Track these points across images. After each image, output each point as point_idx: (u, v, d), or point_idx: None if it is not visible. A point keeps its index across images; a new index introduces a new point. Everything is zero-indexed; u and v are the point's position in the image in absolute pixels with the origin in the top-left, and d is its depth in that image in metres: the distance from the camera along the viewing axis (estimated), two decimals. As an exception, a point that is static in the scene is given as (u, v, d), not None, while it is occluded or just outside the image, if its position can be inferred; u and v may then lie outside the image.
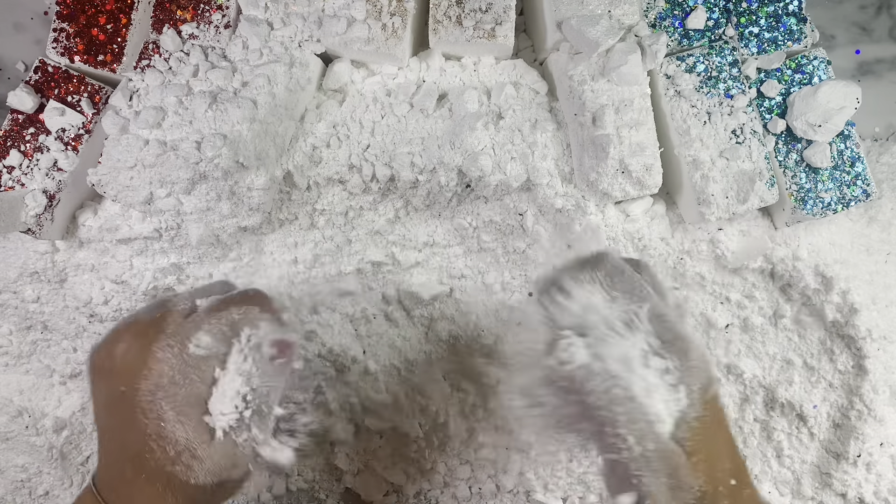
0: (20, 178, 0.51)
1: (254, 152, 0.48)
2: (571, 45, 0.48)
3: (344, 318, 0.57)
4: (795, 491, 0.57)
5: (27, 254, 0.54)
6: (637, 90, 0.46)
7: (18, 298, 0.56)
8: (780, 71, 0.50)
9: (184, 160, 0.46)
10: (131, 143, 0.47)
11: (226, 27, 0.51)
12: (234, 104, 0.47)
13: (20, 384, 0.61)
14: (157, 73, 0.50)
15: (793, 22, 0.49)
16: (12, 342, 0.59)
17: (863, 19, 0.57)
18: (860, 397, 0.54)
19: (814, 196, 0.49)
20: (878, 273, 0.55)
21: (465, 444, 0.59)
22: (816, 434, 0.56)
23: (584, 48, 0.47)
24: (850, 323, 0.53)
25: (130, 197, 0.48)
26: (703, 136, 0.47)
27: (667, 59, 0.48)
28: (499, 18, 0.48)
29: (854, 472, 0.55)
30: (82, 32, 0.51)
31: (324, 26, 0.49)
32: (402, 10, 0.49)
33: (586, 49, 0.47)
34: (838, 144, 0.49)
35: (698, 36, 0.49)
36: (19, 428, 0.60)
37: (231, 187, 0.48)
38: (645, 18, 0.49)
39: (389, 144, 0.50)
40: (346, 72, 0.52)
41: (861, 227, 0.55)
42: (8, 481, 0.61)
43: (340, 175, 0.51)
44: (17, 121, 0.51)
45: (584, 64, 0.47)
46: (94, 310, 0.56)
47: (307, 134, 0.52)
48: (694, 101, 0.48)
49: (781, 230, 0.52)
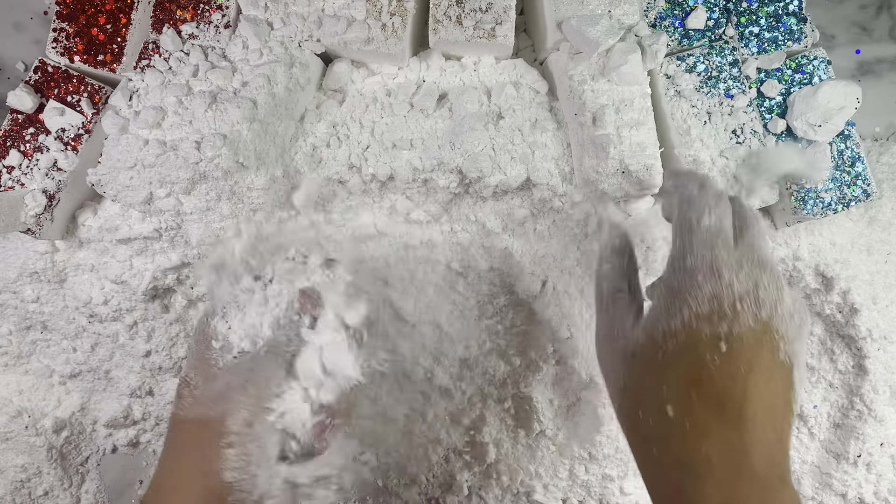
0: (20, 178, 0.51)
1: (254, 152, 0.48)
2: (571, 45, 0.48)
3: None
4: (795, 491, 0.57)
5: (27, 254, 0.54)
6: (637, 90, 0.46)
7: (18, 298, 0.56)
8: (781, 71, 0.50)
9: (184, 160, 0.46)
10: (131, 143, 0.47)
11: (226, 27, 0.51)
12: (233, 104, 0.47)
13: (20, 384, 0.61)
14: (156, 73, 0.50)
15: (793, 22, 0.49)
16: (12, 342, 0.59)
17: (863, 19, 0.57)
18: (860, 397, 0.54)
19: (814, 196, 0.49)
20: (879, 273, 0.55)
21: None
22: (817, 434, 0.56)
23: (584, 48, 0.47)
24: (851, 323, 0.53)
25: (130, 197, 0.48)
26: (704, 135, 0.47)
27: (667, 59, 0.48)
28: (499, 18, 0.48)
29: (854, 472, 0.55)
30: (82, 32, 0.51)
31: (324, 26, 0.49)
32: (402, 10, 0.49)
33: (586, 49, 0.47)
34: (838, 144, 0.49)
35: (698, 36, 0.49)
36: (19, 428, 0.60)
37: (231, 187, 0.48)
38: (645, 18, 0.49)
39: (389, 144, 0.50)
40: (346, 72, 0.52)
41: (861, 227, 0.55)
42: (8, 481, 0.61)
43: (340, 175, 0.51)
44: (16, 121, 0.51)
45: (584, 64, 0.47)
46: (94, 310, 0.56)
47: (307, 134, 0.52)
48: (694, 101, 0.48)
49: (782, 230, 0.52)
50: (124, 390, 0.62)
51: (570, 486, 0.59)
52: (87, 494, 0.64)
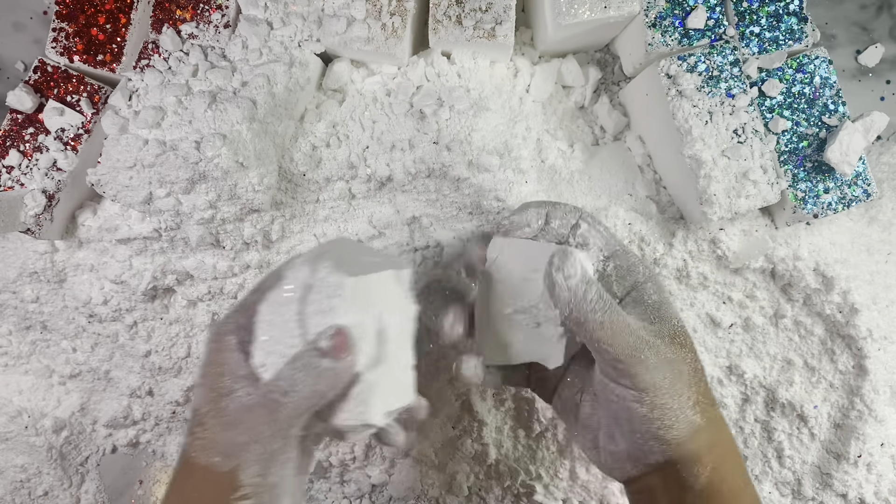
0: (19, 177, 0.51)
1: (253, 152, 0.48)
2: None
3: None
4: (796, 491, 0.57)
5: (26, 254, 0.54)
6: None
7: (18, 298, 0.56)
8: (782, 70, 0.50)
9: (183, 160, 0.46)
10: (130, 143, 0.47)
11: (225, 27, 0.51)
12: (233, 104, 0.47)
13: (19, 384, 0.61)
14: (156, 73, 0.50)
15: (794, 21, 0.49)
16: (12, 342, 0.59)
17: (863, 19, 0.57)
18: (861, 397, 0.54)
19: (814, 196, 0.49)
20: (879, 273, 0.55)
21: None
22: (817, 434, 0.56)
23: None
24: (851, 323, 0.53)
25: (130, 197, 0.48)
26: (705, 135, 0.47)
27: (668, 59, 0.48)
28: (499, 18, 0.48)
29: (855, 472, 0.55)
30: (81, 32, 0.51)
31: (324, 26, 0.49)
32: (402, 10, 0.48)
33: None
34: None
35: (699, 35, 0.49)
36: (19, 428, 0.60)
37: (231, 187, 0.48)
38: (645, 18, 0.49)
39: (389, 144, 0.50)
40: (345, 71, 0.52)
41: (862, 226, 0.55)
42: (7, 481, 0.61)
43: (340, 175, 0.51)
44: (16, 120, 0.51)
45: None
46: (94, 310, 0.56)
47: (307, 134, 0.52)
48: (695, 100, 0.47)
49: (782, 230, 0.52)
50: (124, 390, 0.62)
51: (571, 486, 0.59)
52: (86, 494, 0.64)
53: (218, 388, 0.38)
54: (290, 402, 0.36)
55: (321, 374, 0.36)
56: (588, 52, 0.55)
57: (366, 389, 0.38)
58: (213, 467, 0.37)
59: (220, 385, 0.38)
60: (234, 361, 0.38)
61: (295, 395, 0.36)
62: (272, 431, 0.37)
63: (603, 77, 0.55)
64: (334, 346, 0.37)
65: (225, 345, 0.39)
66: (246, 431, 0.36)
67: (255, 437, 0.36)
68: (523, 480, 0.59)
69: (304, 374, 0.36)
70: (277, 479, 0.38)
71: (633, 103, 0.53)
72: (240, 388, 0.37)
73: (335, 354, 0.36)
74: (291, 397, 0.36)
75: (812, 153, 0.49)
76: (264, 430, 0.36)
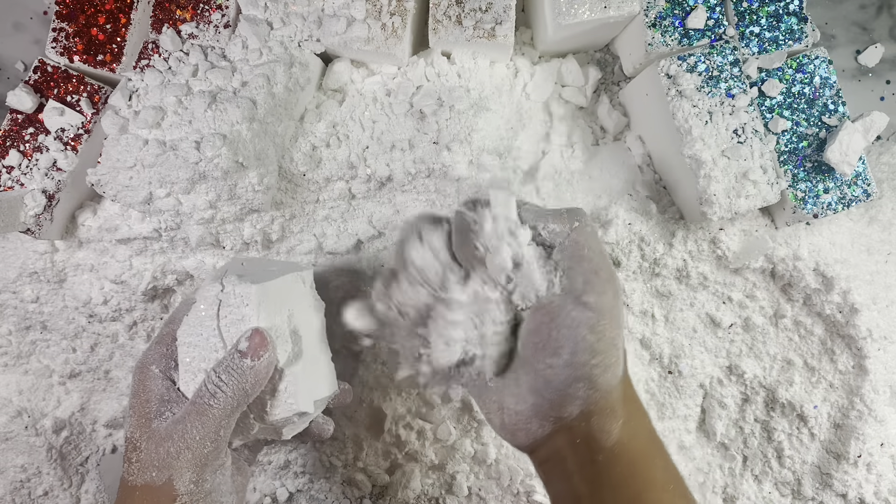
0: (19, 178, 0.51)
1: (253, 152, 0.48)
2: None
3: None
4: (796, 491, 0.57)
5: (26, 254, 0.54)
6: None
7: (18, 298, 0.56)
8: (782, 70, 0.50)
9: (183, 160, 0.46)
10: (131, 143, 0.47)
11: (225, 27, 0.51)
12: (233, 104, 0.47)
13: (19, 384, 0.61)
14: (156, 73, 0.50)
15: (793, 21, 0.49)
16: (11, 342, 0.59)
17: (863, 19, 0.57)
18: (861, 397, 0.54)
19: (814, 196, 0.49)
20: (879, 273, 0.55)
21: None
22: (817, 434, 0.56)
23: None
24: (851, 323, 0.53)
25: (130, 197, 0.48)
26: (705, 135, 0.47)
27: (668, 59, 0.48)
28: (499, 18, 0.48)
29: (854, 472, 0.55)
30: (82, 32, 0.51)
31: (323, 26, 0.49)
32: (401, 10, 0.48)
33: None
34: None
35: (698, 35, 0.49)
36: (19, 428, 0.60)
37: (231, 187, 0.48)
38: (645, 18, 0.49)
39: (389, 144, 0.50)
40: (345, 71, 0.52)
41: (861, 227, 0.55)
42: (7, 481, 0.61)
43: (340, 175, 0.51)
44: (16, 121, 0.51)
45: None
46: (94, 310, 0.56)
47: (307, 134, 0.52)
48: (695, 100, 0.47)
49: (782, 230, 0.52)
50: (124, 390, 0.62)
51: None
52: (86, 494, 0.64)
53: (147, 414, 0.41)
54: (217, 404, 0.39)
55: (244, 374, 0.39)
56: (588, 52, 0.55)
57: (292, 382, 0.42)
58: (150, 484, 0.39)
59: (149, 410, 0.41)
60: (159, 388, 0.41)
61: (221, 396, 0.39)
62: (202, 435, 0.39)
63: (603, 77, 0.55)
64: (252, 346, 0.39)
65: (149, 374, 0.42)
66: (178, 440, 0.39)
67: (187, 443, 0.39)
68: (523, 480, 0.59)
69: (227, 376, 0.39)
70: (212, 486, 0.40)
71: (633, 103, 0.53)
72: (167, 410, 0.41)
73: (254, 354, 0.39)
74: (218, 398, 0.39)
75: (812, 153, 0.49)
76: (195, 434, 0.39)
